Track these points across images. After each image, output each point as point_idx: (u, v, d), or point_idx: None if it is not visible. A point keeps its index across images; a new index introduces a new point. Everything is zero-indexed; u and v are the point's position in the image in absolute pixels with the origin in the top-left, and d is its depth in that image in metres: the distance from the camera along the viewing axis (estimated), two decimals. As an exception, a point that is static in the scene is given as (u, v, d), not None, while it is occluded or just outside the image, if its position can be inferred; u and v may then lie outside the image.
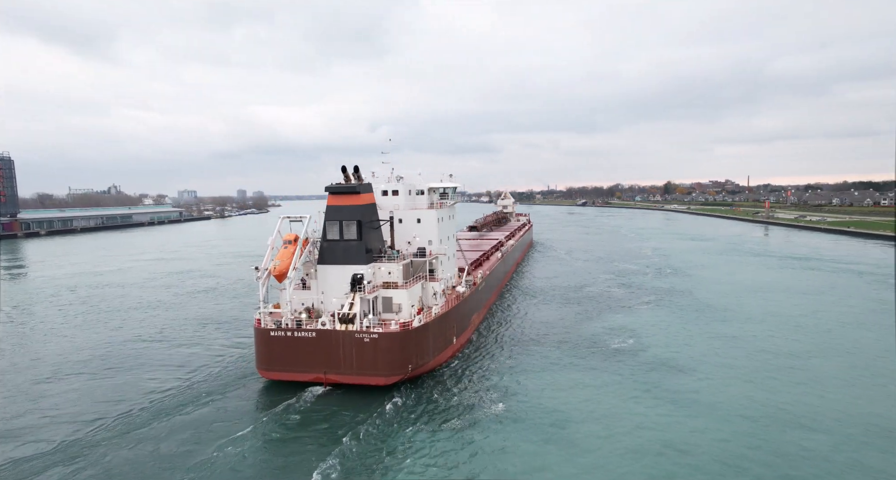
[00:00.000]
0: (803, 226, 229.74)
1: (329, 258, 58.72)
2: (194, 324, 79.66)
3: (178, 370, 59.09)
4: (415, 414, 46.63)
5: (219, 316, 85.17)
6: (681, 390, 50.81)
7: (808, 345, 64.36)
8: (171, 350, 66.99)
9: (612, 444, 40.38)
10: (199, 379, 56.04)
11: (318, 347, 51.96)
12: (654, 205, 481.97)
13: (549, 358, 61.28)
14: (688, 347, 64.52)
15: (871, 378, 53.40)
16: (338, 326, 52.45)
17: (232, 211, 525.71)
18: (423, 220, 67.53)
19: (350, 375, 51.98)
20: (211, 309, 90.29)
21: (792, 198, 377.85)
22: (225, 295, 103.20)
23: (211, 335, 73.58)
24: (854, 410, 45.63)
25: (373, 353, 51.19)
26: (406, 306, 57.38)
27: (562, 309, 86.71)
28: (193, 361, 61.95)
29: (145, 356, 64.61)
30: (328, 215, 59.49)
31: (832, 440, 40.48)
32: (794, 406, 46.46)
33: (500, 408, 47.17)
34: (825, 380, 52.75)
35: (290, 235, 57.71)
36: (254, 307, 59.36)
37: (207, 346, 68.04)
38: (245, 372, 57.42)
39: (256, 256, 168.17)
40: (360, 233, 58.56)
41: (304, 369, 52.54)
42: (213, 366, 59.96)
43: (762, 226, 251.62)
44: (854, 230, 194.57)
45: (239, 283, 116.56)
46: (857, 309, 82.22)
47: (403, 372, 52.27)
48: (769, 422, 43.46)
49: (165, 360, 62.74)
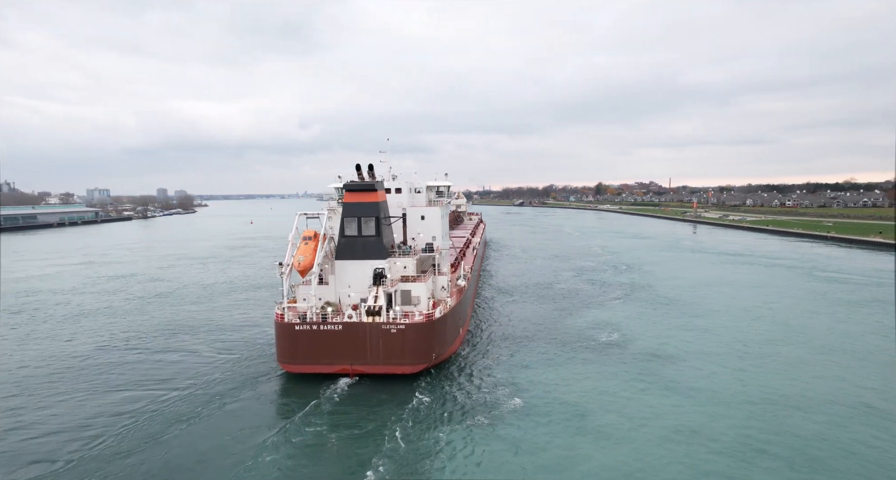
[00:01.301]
0: (727, 225, 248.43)
1: (347, 253, 60.43)
2: (172, 329, 75.28)
3: (182, 374, 56.58)
4: (444, 413, 46.79)
5: (195, 319, 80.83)
6: (679, 379, 53.92)
7: (773, 335, 69.93)
8: (160, 355, 63.17)
9: (641, 434, 42.34)
10: (215, 379, 54.60)
11: (345, 339, 53.61)
12: (587, 205, 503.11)
13: (547, 353, 63.01)
14: (669, 339, 68.37)
15: (840, 362, 59.01)
16: (364, 318, 54.16)
17: (155, 211, 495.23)
18: (427, 217, 69.83)
19: (377, 365, 53.98)
20: (180, 313, 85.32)
21: (712, 199, 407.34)
22: (188, 299, 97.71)
23: (197, 338, 69.93)
24: (838, 391, 50.41)
25: (400, 343, 53.56)
26: (424, 298, 59.70)
27: (541, 305, 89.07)
28: (196, 365, 59.20)
29: (134, 364, 60.51)
30: (346, 211, 61.40)
31: (829, 419, 44.58)
32: (785, 391, 50.65)
33: (521, 404, 48.16)
34: (800, 366, 57.73)
35: (309, 231, 59.64)
36: (275, 302, 61.13)
37: (205, 347, 64.89)
38: (258, 370, 57.55)
39: (202, 259, 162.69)
40: (378, 229, 60.87)
41: (330, 361, 53.98)
42: (222, 367, 58.06)
43: (691, 225, 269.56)
44: (772, 228, 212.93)
45: (197, 287, 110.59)
46: (801, 300, 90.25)
47: (427, 361, 55.06)
48: (771, 407, 47.12)
49: (161, 367, 59.31)
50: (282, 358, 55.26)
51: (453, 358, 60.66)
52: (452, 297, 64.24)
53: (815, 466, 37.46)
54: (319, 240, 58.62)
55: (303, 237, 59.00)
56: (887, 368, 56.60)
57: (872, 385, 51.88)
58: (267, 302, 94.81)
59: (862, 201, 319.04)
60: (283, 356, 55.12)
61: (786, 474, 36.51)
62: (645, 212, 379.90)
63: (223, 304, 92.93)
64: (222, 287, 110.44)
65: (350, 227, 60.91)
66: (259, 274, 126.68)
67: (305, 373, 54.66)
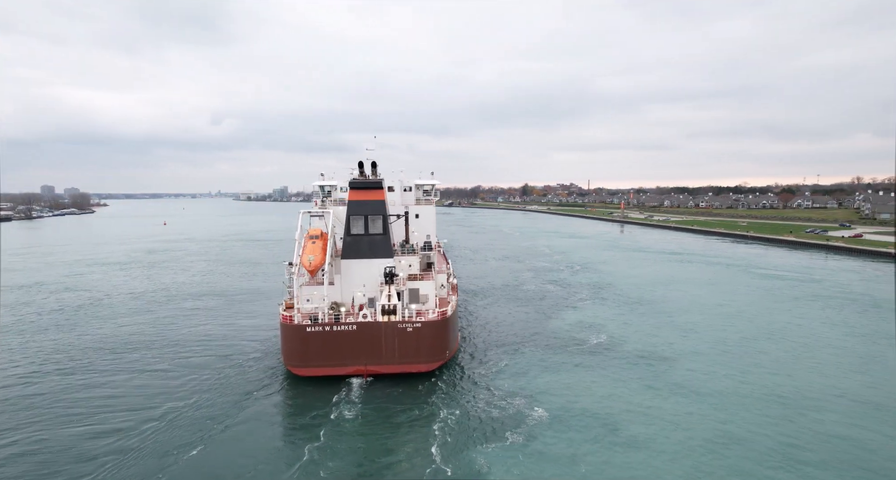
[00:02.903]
0: (654, 225, 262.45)
1: (354, 252, 59.07)
2: (117, 346, 66.42)
3: (171, 393, 49.64)
4: (474, 431, 43.85)
5: (145, 333, 72.12)
6: (685, 382, 54.23)
7: (749, 333, 72.63)
8: (119, 376, 55.13)
9: (676, 442, 41.84)
10: (212, 393, 50.01)
11: (359, 339, 52.21)
12: (515, 205, 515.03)
13: (546, 358, 61.78)
14: (656, 339, 69.19)
15: (824, 358, 61.91)
16: (379, 318, 53.05)
17: (42, 211, 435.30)
18: (421, 215, 70.02)
19: (392, 364, 53.07)
20: (125, 327, 75.93)
21: (633, 200, 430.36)
22: (125, 310, 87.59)
23: (162, 353, 62.12)
24: (839, 387, 52.53)
25: (416, 341, 53.01)
26: (431, 296, 59.37)
27: (517, 308, 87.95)
28: (186, 381, 52.52)
29: (96, 388, 52.26)
30: (351, 210, 59.72)
31: (842, 417, 46.22)
32: (789, 389, 52.25)
33: (546, 416, 46.36)
34: (790, 363, 60.10)
35: (315, 230, 58.20)
36: (277, 304, 61.07)
37: (178, 362, 57.41)
38: (257, 376, 54.94)
39: (121, 264, 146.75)
40: (385, 228, 59.99)
41: (344, 362, 52.38)
42: (216, 380, 52.38)
43: (618, 225, 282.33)
44: (697, 228, 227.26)
45: (127, 296, 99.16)
46: (755, 298, 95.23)
47: (442, 358, 55.18)
48: (780, 405, 48.30)
49: (133, 388, 51.76)
50: (290, 361, 53.05)
51: (457, 362, 59.39)
52: (453, 295, 63.67)
53: (859, 467, 38.09)
54: (328, 239, 57.61)
55: (309, 236, 57.19)
56: (871, 363, 59.94)
57: (867, 380, 54.49)
58: (219, 309, 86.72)
59: (761, 203, 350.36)
60: (291, 359, 52.93)
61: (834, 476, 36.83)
62: (572, 212, 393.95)
63: (170, 314, 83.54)
64: (160, 295, 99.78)
65: (357, 226, 59.41)
66: (197, 281, 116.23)
67: (316, 376, 52.59)
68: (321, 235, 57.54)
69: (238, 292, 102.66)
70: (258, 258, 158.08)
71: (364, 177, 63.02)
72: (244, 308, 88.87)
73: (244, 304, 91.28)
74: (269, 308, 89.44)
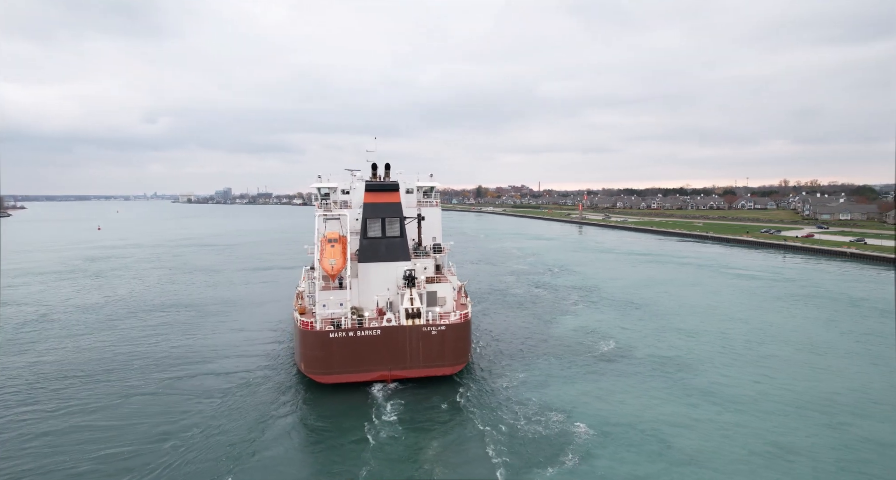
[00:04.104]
0: (613, 226, 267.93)
1: (371, 255, 58.35)
2: (105, 365, 58.08)
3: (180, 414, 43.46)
4: (525, 451, 40.39)
5: (120, 349, 63.97)
6: (712, 389, 52.67)
7: (752, 335, 72.47)
8: (119, 401, 47.68)
9: (732, 454, 40.11)
10: (228, 410, 45.84)
11: (383, 344, 51.66)
12: (471, 207, 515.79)
13: (563, 366, 59.42)
14: (662, 344, 68.07)
15: (838, 361, 62.14)
16: (403, 321, 52.57)
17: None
18: (427, 217, 68.93)
19: (416, 369, 52.83)
20: (95, 343, 67.16)
21: (587, 201, 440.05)
22: (80, 324, 78.40)
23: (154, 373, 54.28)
24: (867, 391, 52.37)
25: (440, 345, 52.81)
26: (449, 299, 59.11)
27: (512, 312, 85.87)
28: (192, 396, 45.89)
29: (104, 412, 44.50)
30: (367, 212, 59.20)
31: (892, 426, 45.64)
32: (821, 394, 51.37)
33: (588, 430, 43.71)
34: (804, 366, 59.70)
35: (333, 233, 57.13)
36: (296, 309, 58.73)
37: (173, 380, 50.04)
38: (275, 387, 52.36)
39: (59, 273, 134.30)
40: (402, 230, 59.77)
41: (368, 368, 51.77)
42: (227, 396, 45.19)
43: (577, 226, 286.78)
44: (657, 229, 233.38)
45: (79, 310, 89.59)
46: (740, 298, 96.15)
47: (465, 361, 55.25)
48: (822, 413, 47.07)
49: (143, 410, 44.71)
50: (311, 368, 51.95)
51: (475, 368, 58.52)
52: (466, 297, 63.53)
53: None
54: (347, 242, 57.03)
55: (327, 239, 56.12)
56: (882, 365, 60.82)
57: (892, 383, 54.92)
58: (193, 322, 79.76)
59: (709, 204, 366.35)
60: (313, 366, 51.82)
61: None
62: (528, 213, 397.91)
63: (137, 330, 75.75)
64: (118, 308, 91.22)
65: (373, 228, 58.96)
66: (157, 291, 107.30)
67: (339, 383, 51.80)
68: (339, 238, 56.38)
69: (208, 302, 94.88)
70: (217, 265, 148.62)
71: (378, 179, 62.83)
72: (222, 319, 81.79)
73: (221, 316, 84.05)
74: (252, 318, 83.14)
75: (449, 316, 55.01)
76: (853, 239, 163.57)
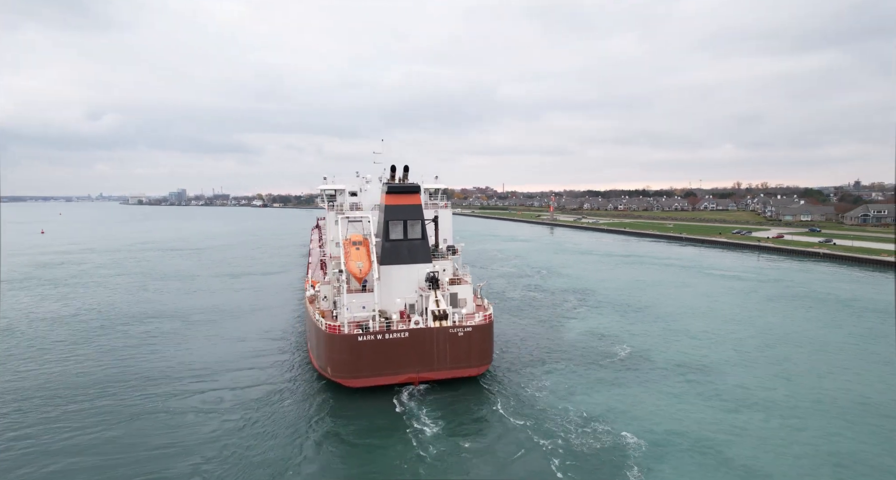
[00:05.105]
0: (586, 227, 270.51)
1: (393, 258, 58.11)
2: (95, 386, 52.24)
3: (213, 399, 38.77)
4: (587, 465, 38.07)
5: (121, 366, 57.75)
6: (748, 395, 51.65)
7: (760, 336, 72.54)
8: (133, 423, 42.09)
9: (796, 464, 39.04)
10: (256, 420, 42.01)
11: (411, 346, 51.72)
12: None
13: (586, 373, 57.88)
14: (677, 347, 67.33)
15: (855, 363, 62.44)
16: (430, 323, 52.62)
17: None
18: (439, 219, 68.93)
19: (443, 370, 53.08)
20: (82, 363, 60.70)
21: (554, 202, 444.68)
22: (50, 338, 72.16)
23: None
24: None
25: (467, 346, 53.30)
26: (469, 300, 59.33)
27: (516, 318, 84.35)
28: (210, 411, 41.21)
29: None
30: (389, 214, 58.83)
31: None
32: (857, 397, 51.21)
33: (640, 442, 41.94)
34: (825, 368, 59.64)
35: (357, 236, 56.76)
36: (318, 313, 56.80)
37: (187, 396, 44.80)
38: (296, 399, 48.73)
39: (9, 282, 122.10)
40: (424, 232, 59.96)
41: (396, 371, 51.74)
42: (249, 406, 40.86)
43: (548, 228, 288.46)
44: (630, 230, 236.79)
45: (42, 322, 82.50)
46: (735, 299, 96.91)
47: (489, 361, 55.73)
48: (876, 415, 46.77)
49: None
50: (339, 372, 51.54)
51: (496, 370, 58.34)
52: (483, 299, 63.69)
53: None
54: (371, 244, 56.16)
55: (351, 242, 55.59)
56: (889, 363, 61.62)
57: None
58: (182, 332, 74.63)
59: (673, 206, 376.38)
60: (340, 370, 51.41)
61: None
62: (497, 215, 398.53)
63: (120, 342, 70.19)
64: (91, 319, 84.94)
65: (395, 231, 58.77)
66: (130, 300, 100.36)
67: (368, 387, 51.46)
68: (363, 241, 55.84)
69: (192, 311, 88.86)
70: (189, 270, 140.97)
71: (396, 181, 63.01)
72: (214, 329, 76.53)
73: (211, 326, 78.63)
74: (249, 327, 78.49)
75: (473, 318, 55.29)
76: (822, 239, 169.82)
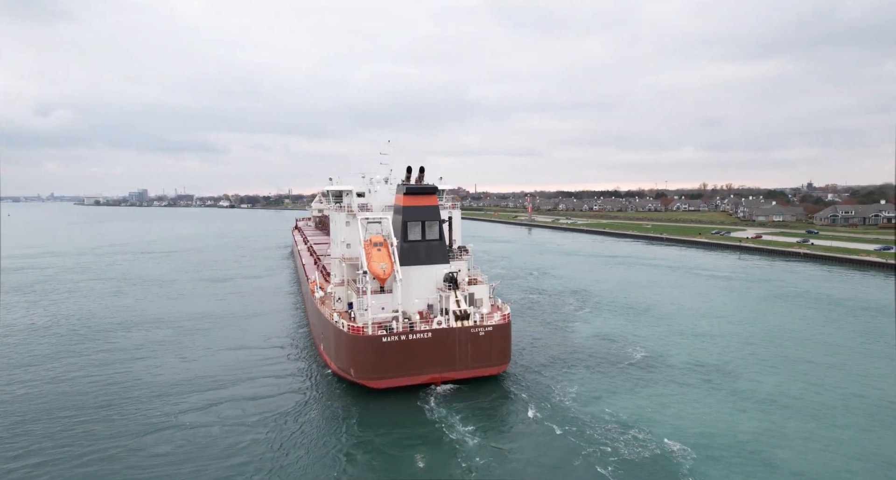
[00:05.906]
0: (565, 228, 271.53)
1: (412, 259, 58.27)
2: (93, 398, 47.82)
3: None
4: (634, 474, 36.14)
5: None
6: (776, 397, 51.57)
7: (768, 337, 72.77)
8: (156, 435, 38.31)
9: (845, 470, 38.38)
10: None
11: (434, 347, 52.15)
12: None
13: (606, 377, 56.92)
14: (690, 348, 67.07)
15: (867, 362, 62.85)
16: (452, 323, 53.13)
17: None
18: (452, 220, 67.93)
19: (465, 370, 53.75)
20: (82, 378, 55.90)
21: (529, 203, 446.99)
22: (35, 351, 67.35)
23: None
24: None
25: (488, 345, 54.17)
26: (486, 300, 59.29)
27: (518, 318, 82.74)
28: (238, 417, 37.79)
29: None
30: (407, 215, 58.97)
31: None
32: (886, 397, 51.32)
33: (688, 450, 40.84)
34: (843, 369, 59.90)
35: (377, 237, 56.81)
36: (338, 315, 56.46)
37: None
38: (320, 407, 49.20)
39: None
40: (441, 233, 60.39)
41: (419, 371, 52.14)
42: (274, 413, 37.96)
43: (526, 229, 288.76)
44: (610, 231, 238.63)
45: (19, 333, 76.88)
46: (731, 299, 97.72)
47: (507, 360, 56.38)
48: (892, 415, 46.91)
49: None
50: (362, 374, 51.61)
51: (516, 376, 57.91)
52: (497, 299, 63.92)
53: None
54: (390, 245, 56.45)
55: (372, 243, 55.58)
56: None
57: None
58: (176, 341, 70.98)
59: (646, 206, 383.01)
60: (364, 372, 51.48)
61: None
62: (473, 216, 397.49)
63: (112, 354, 66.13)
64: (74, 329, 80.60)
65: (414, 232, 59.13)
66: (111, 307, 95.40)
67: (391, 388, 51.81)
68: (383, 242, 56.07)
69: (181, 318, 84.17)
70: (166, 275, 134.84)
71: (412, 182, 63.12)
72: (211, 337, 72.56)
73: (206, 333, 74.53)
74: (247, 333, 75.08)
75: (492, 317, 56.14)
76: (800, 239, 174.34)
